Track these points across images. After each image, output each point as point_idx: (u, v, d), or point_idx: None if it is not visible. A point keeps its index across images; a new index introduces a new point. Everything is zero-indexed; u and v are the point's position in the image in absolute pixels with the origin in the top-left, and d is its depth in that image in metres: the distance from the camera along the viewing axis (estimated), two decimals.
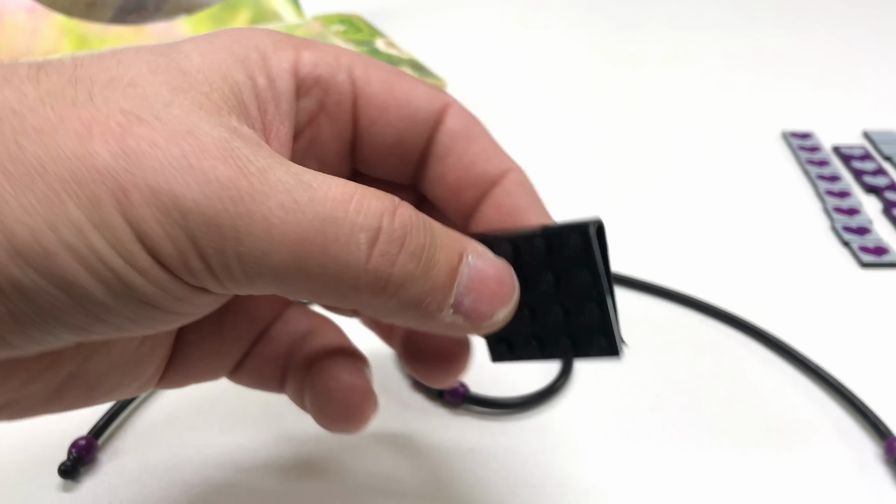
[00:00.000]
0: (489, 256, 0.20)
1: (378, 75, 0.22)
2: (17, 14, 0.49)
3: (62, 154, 0.16)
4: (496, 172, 0.23)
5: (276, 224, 0.17)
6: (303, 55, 0.21)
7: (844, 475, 0.28)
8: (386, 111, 0.22)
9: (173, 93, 0.18)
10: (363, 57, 0.22)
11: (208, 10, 0.53)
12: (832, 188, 0.45)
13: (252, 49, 0.20)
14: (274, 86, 0.20)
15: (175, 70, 0.18)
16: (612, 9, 0.73)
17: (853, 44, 0.65)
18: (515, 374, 0.32)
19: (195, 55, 0.19)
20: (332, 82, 0.21)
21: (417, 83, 0.23)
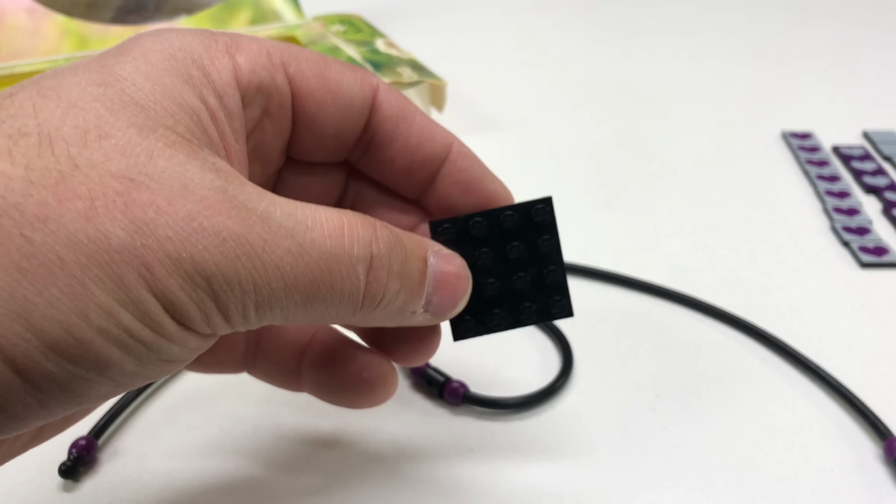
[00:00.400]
0: (445, 253, 0.22)
1: (310, 69, 0.22)
2: (17, 14, 0.49)
3: (75, 240, 0.16)
4: (441, 149, 0.24)
5: (287, 271, 0.18)
6: (238, 61, 0.21)
7: (844, 475, 0.28)
8: (323, 106, 0.22)
9: (144, 136, 0.18)
10: (290, 48, 0.22)
11: (208, 11, 0.53)
12: (832, 188, 0.45)
13: (190, 63, 0.20)
14: (223, 103, 0.20)
15: (131, 105, 0.18)
16: (612, 9, 0.73)
17: (853, 44, 0.65)
18: (515, 374, 0.32)
19: (141, 80, 0.19)
20: (273, 87, 0.22)
21: (345, 69, 0.23)
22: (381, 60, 0.49)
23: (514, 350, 0.33)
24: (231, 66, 0.20)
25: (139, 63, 0.19)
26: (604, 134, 0.51)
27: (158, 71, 0.19)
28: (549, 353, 0.33)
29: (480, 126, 0.52)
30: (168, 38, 0.20)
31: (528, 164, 0.48)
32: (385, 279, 0.20)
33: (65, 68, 0.19)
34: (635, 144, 0.50)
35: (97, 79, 0.18)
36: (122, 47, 0.20)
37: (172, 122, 0.18)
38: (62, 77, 0.18)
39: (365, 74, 0.23)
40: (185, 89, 0.19)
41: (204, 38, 0.20)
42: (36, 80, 0.18)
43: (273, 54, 0.22)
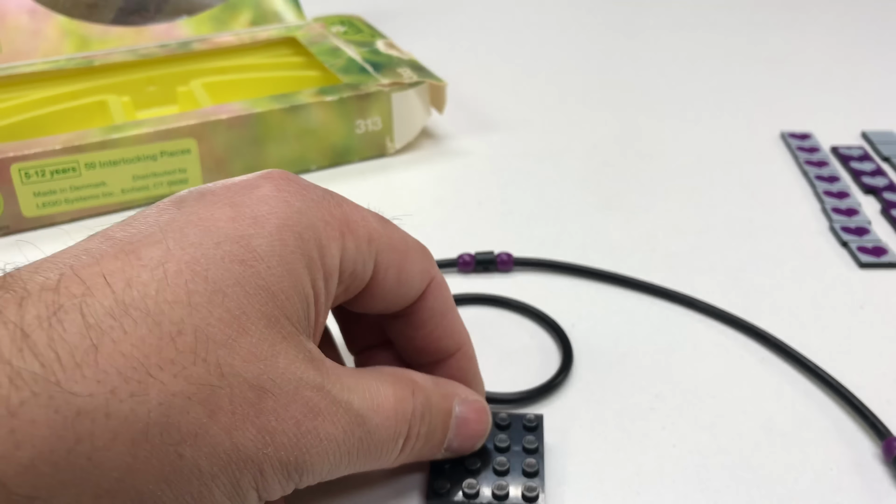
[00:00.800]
0: (471, 399, 0.26)
1: (393, 261, 0.24)
2: (19, 15, 0.49)
3: (215, 453, 0.19)
4: (454, 348, 0.27)
5: (353, 453, 0.22)
6: (347, 245, 0.23)
7: (843, 475, 0.28)
8: (388, 294, 0.25)
9: (270, 329, 0.20)
10: (387, 231, 0.24)
11: (209, 12, 0.53)
12: (831, 189, 0.45)
13: (313, 244, 0.22)
14: (326, 286, 0.22)
15: (263, 292, 0.20)
16: (611, 10, 0.73)
17: (852, 45, 0.66)
18: (514, 372, 0.32)
19: (275, 262, 0.21)
20: (362, 274, 0.24)
21: (417, 260, 0.25)
22: (381, 61, 0.49)
23: (514, 349, 0.34)
24: (340, 251, 0.23)
25: (274, 242, 0.21)
26: (604, 134, 0.51)
27: (288, 253, 0.21)
28: (550, 352, 0.33)
29: (481, 126, 0.52)
30: (297, 208, 0.22)
31: (528, 164, 0.48)
32: (413, 443, 0.24)
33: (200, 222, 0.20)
34: (635, 145, 0.50)
35: (238, 254, 0.20)
36: (257, 211, 0.21)
37: (290, 311, 0.21)
38: (205, 248, 0.20)
39: (429, 266, 0.25)
40: (304, 275, 0.21)
41: (325, 214, 0.22)
42: (180, 243, 0.20)
43: (373, 239, 0.23)
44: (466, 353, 0.27)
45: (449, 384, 0.26)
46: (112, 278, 0.18)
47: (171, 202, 0.22)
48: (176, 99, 0.50)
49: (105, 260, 0.19)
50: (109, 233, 0.21)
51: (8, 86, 0.48)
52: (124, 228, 0.21)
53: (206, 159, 0.43)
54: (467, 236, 0.41)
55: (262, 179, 0.22)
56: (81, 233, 0.40)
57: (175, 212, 0.21)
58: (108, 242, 0.20)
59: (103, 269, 0.19)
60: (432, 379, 0.25)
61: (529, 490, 0.26)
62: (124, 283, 0.18)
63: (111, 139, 0.40)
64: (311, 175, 0.46)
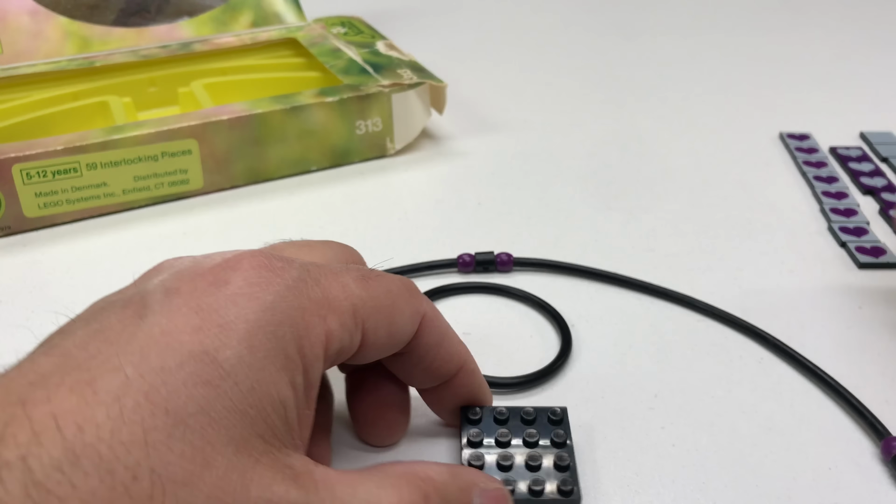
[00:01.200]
0: (490, 487, 0.24)
1: (382, 320, 0.23)
2: (20, 16, 0.49)
3: None
4: (455, 369, 0.27)
5: None
6: (331, 326, 0.22)
7: (841, 474, 0.28)
8: (379, 350, 0.24)
9: (240, 454, 0.19)
10: (371, 294, 0.23)
11: (210, 13, 0.53)
12: (829, 189, 0.45)
13: (289, 340, 0.20)
14: (307, 378, 0.21)
15: (232, 414, 0.19)
16: (610, 11, 0.73)
17: (851, 46, 0.66)
18: (516, 359, 0.32)
19: (243, 375, 0.19)
20: (349, 347, 0.23)
21: (405, 307, 0.24)
22: (381, 62, 0.49)
23: (514, 336, 0.34)
24: (323, 336, 0.21)
25: (243, 353, 0.19)
26: (603, 135, 0.52)
27: (259, 360, 0.20)
28: (551, 340, 0.34)
29: (481, 127, 0.52)
30: (269, 304, 0.20)
31: (528, 164, 0.48)
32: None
33: (163, 338, 0.19)
34: (634, 145, 0.50)
35: (202, 374, 0.19)
36: (225, 316, 0.20)
37: (263, 426, 0.19)
38: (166, 374, 0.18)
39: (417, 306, 0.25)
40: (280, 378, 0.20)
41: (302, 300, 0.21)
42: (140, 369, 0.18)
43: (357, 310, 0.23)
44: (468, 370, 0.27)
45: (466, 474, 0.24)
46: (64, 421, 0.17)
47: (135, 311, 0.20)
48: (177, 100, 0.50)
49: (59, 395, 0.17)
50: (68, 346, 0.19)
51: (9, 87, 0.48)
52: (85, 345, 0.19)
53: (207, 160, 0.43)
54: (467, 236, 0.41)
55: (231, 272, 0.21)
56: (82, 233, 0.41)
57: (137, 325, 0.19)
58: (65, 363, 0.18)
59: (55, 409, 0.17)
60: (448, 470, 0.23)
61: (564, 484, 0.26)
62: (76, 428, 0.17)
63: (112, 140, 0.40)
64: (312, 175, 0.46)
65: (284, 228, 0.42)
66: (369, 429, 0.28)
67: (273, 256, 0.22)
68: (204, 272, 0.21)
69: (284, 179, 0.46)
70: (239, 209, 0.43)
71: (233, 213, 0.43)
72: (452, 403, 0.28)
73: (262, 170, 0.45)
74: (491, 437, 0.27)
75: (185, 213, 0.43)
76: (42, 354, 0.19)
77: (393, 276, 0.25)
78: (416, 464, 0.23)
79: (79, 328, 0.20)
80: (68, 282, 0.38)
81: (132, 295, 0.21)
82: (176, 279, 0.21)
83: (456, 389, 0.27)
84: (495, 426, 0.28)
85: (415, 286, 0.26)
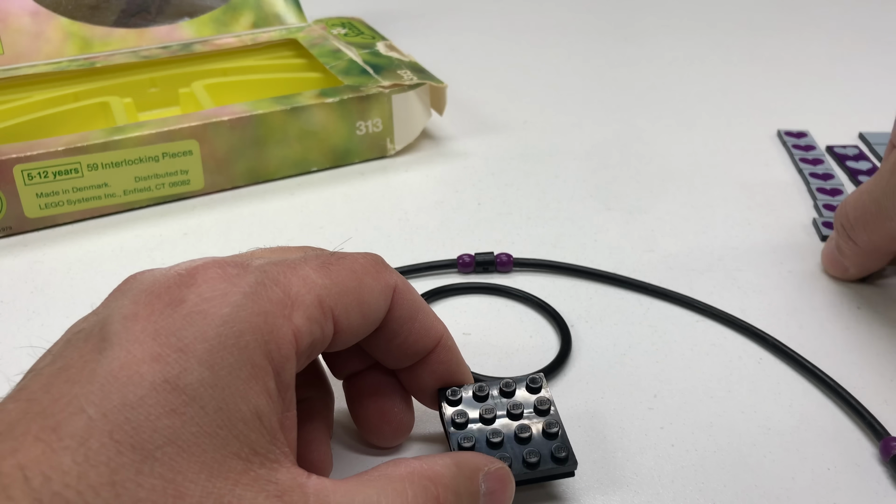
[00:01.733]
0: (493, 468, 0.24)
1: (351, 301, 0.23)
2: (21, 17, 0.49)
3: None
4: (432, 343, 0.26)
5: None
6: (297, 322, 0.21)
7: (840, 475, 0.28)
8: (355, 333, 0.24)
9: (214, 479, 0.19)
10: (336, 280, 0.23)
11: (210, 14, 0.53)
12: (824, 186, 0.45)
13: (255, 348, 0.20)
14: (280, 380, 0.21)
15: (201, 438, 0.19)
16: (610, 12, 0.74)
17: (850, 46, 0.66)
18: (516, 359, 0.32)
19: (208, 396, 0.19)
20: (322, 338, 0.23)
21: (373, 283, 0.24)
22: (381, 63, 0.49)
23: (514, 337, 0.34)
24: (290, 335, 0.21)
25: (205, 374, 0.19)
26: (602, 135, 0.52)
27: (224, 376, 0.19)
28: (550, 340, 0.34)
29: (480, 128, 0.52)
30: (226, 316, 0.20)
31: (527, 165, 0.48)
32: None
33: (122, 372, 0.19)
34: (633, 146, 0.50)
35: (166, 404, 0.19)
36: (183, 337, 0.20)
37: (238, 445, 0.19)
38: (128, 410, 0.18)
39: (386, 279, 0.24)
40: (250, 389, 0.20)
41: (263, 305, 0.21)
42: (102, 408, 0.18)
43: (322, 299, 0.22)
44: (446, 345, 0.27)
45: (470, 459, 0.24)
46: (31, 471, 0.17)
47: (94, 345, 0.20)
48: (178, 100, 0.50)
49: (25, 445, 0.18)
50: (34, 389, 0.19)
51: (10, 87, 0.48)
52: (48, 386, 0.19)
53: (207, 160, 0.43)
54: (467, 237, 0.41)
55: (185, 289, 0.21)
56: (83, 234, 0.41)
57: (97, 361, 0.19)
58: (30, 408, 0.18)
59: (22, 460, 0.17)
60: (452, 461, 0.23)
61: (558, 451, 0.26)
62: (43, 477, 0.17)
63: (113, 140, 0.41)
64: (312, 176, 0.46)
65: (285, 229, 0.42)
66: (376, 432, 0.28)
67: (228, 264, 0.22)
68: (160, 292, 0.21)
69: (285, 180, 0.46)
70: (239, 210, 0.43)
71: (233, 214, 0.43)
72: (432, 383, 0.27)
73: (262, 170, 0.45)
74: (476, 414, 0.27)
75: (185, 213, 0.43)
76: (10, 399, 0.19)
77: (357, 254, 0.25)
78: (418, 461, 0.23)
79: (45, 365, 0.20)
80: (69, 282, 0.38)
81: (93, 325, 0.21)
82: (133, 303, 0.21)
83: (434, 367, 0.27)
84: (477, 403, 0.27)
85: (382, 260, 0.25)
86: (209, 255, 0.40)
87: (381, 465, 0.23)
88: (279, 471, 0.20)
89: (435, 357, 0.27)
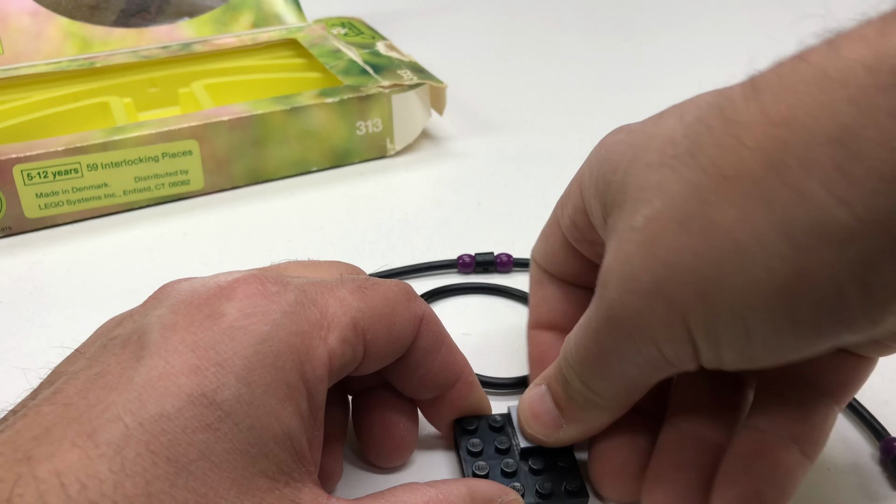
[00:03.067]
0: (507, 500, 0.24)
1: (382, 327, 0.23)
2: (20, 17, 0.49)
3: None
4: (454, 379, 0.26)
5: None
6: (331, 345, 0.22)
7: (840, 475, 0.28)
8: (381, 359, 0.24)
9: (244, 494, 0.19)
10: (370, 304, 0.23)
11: (210, 13, 0.53)
12: None
13: (290, 368, 0.20)
14: (312, 402, 0.21)
15: (233, 455, 0.19)
16: (610, 11, 0.74)
17: None
18: (514, 361, 0.32)
19: (243, 413, 0.19)
20: (352, 360, 0.23)
21: (404, 311, 0.24)
22: (381, 63, 0.49)
23: (512, 336, 0.34)
24: (326, 357, 0.21)
25: (242, 391, 0.19)
26: (602, 135, 0.51)
27: (259, 395, 0.20)
28: None
29: (480, 128, 0.52)
30: (266, 334, 0.20)
31: (527, 165, 0.48)
32: None
33: (160, 382, 0.19)
34: None
35: (202, 418, 0.19)
36: (222, 353, 0.20)
37: (266, 463, 0.20)
38: (165, 421, 0.18)
39: (416, 310, 0.25)
40: (283, 409, 0.20)
41: (301, 324, 0.21)
42: (139, 417, 0.18)
43: (357, 323, 0.22)
44: (467, 381, 0.27)
45: (484, 489, 0.24)
46: (67, 478, 0.17)
47: (133, 352, 0.20)
48: (177, 100, 0.50)
49: (62, 450, 0.18)
50: (70, 393, 0.19)
51: (10, 87, 0.48)
52: (86, 392, 0.19)
53: (207, 161, 0.43)
54: (467, 237, 0.41)
55: (226, 302, 0.21)
56: (83, 234, 0.41)
57: (134, 369, 0.19)
58: (67, 413, 0.19)
59: (58, 466, 0.17)
60: (467, 489, 0.23)
61: (570, 483, 0.26)
62: (80, 486, 0.17)
63: (113, 140, 0.41)
64: (312, 176, 0.46)
65: (285, 229, 0.42)
66: (377, 449, 0.28)
67: (268, 280, 0.22)
68: (200, 303, 0.21)
69: (285, 180, 0.46)
70: (239, 210, 0.43)
71: (233, 214, 0.43)
72: (451, 415, 0.27)
73: (262, 170, 0.45)
74: (490, 446, 0.27)
75: (185, 213, 0.43)
76: (46, 402, 0.19)
77: (389, 281, 0.25)
78: (433, 488, 0.23)
79: (81, 369, 0.20)
80: (69, 282, 0.38)
81: (131, 332, 0.21)
82: (173, 313, 0.21)
83: (455, 401, 0.27)
84: (492, 434, 0.28)
85: (412, 289, 0.25)
86: (210, 255, 0.40)
87: (398, 489, 0.23)
88: (302, 490, 0.20)
89: (456, 392, 0.27)
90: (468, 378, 0.27)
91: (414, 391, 0.27)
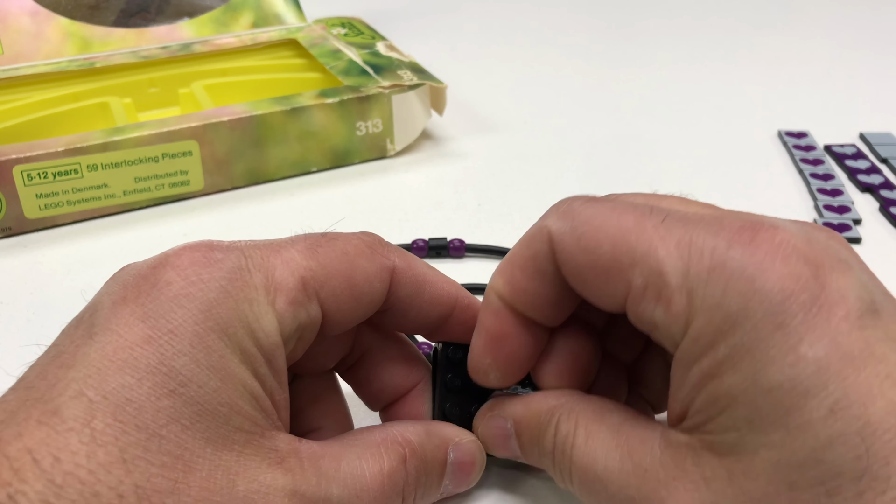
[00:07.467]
0: (464, 441, 0.25)
1: (339, 284, 0.23)
2: (20, 17, 0.49)
3: None
4: (446, 309, 0.25)
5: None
6: (280, 308, 0.21)
7: None
8: (349, 311, 0.23)
9: (219, 451, 0.19)
10: (321, 262, 0.23)
11: (210, 14, 0.53)
12: (825, 186, 0.45)
13: (242, 335, 0.20)
14: (272, 366, 0.21)
15: (203, 416, 0.19)
16: (610, 11, 0.74)
17: (850, 47, 0.66)
18: None
19: (204, 377, 0.19)
20: (308, 321, 0.22)
21: (366, 264, 0.23)
22: (381, 63, 0.49)
23: None
24: (275, 320, 0.21)
25: (198, 355, 0.20)
26: (602, 135, 0.52)
27: (216, 359, 0.20)
28: None
29: (480, 128, 0.52)
30: (212, 300, 0.20)
31: (527, 165, 0.48)
32: (412, 500, 0.23)
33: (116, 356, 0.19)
34: (634, 145, 0.50)
35: (164, 385, 0.19)
36: (172, 320, 0.20)
37: (239, 419, 0.20)
38: (128, 391, 0.19)
39: (382, 260, 0.24)
40: (243, 371, 0.20)
41: (245, 290, 0.21)
42: (101, 391, 0.18)
43: (307, 282, 0.22)
44: (462, 305, 0.26)
45: (442, 429, 0.24)
46: (39, 454, 0.17)
47: (85, 329, 0.20)
48: (177, 101, 0.50)
49: (28, 429, 0.18)
50: (30, 377, 0.20)
51: (10, 87, 0.48)
52: (44, 374, 0.19)
53: (207, 161, 0.43)
54: (467, 237, 0.41)
55: (171, 270, 0.21)
56: (83, 234, 0.41)
57: (88, 345, 0.19)
58: (28, 396, 0.19)
59: (28, 444, 0.17)
60: (424, 429, 0.24)
61: None
62: (52, 459, 0.17)
63: (113, 141, 0.41)
64: (312, 177, 0.46)
65: (285, 229, 0.42)
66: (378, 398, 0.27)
67: (214, 247, 0.22)
68: (146, 274, 0.21)
69: (285, 180, 0.46)
70: (239, 210, 0.43)
71: (233, 214, 0.43)
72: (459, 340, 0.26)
73: (262, 171, 0.45)
74: (469, 381, 0.25)
75: (185, 214, 0.43)
76: (10, 391, 0.20)
77: (351, 234, 0.24)
78: (393, 426, 0.24)
79: (41, 357, 0.20)
80: (69, 283, 0.38)
81: (84, 311, 0.21)
82: (122, 287, 0.21)
83: (454, 328, 0.26)
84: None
85: (379, 239, 0.24)
86: None
87: (364, 430, 0.23)
88: (278, 437, 0.21)
89: (454, 320, 0.26)
90: (463, 303, 0.26)
91: (413, 330, 0.26)
